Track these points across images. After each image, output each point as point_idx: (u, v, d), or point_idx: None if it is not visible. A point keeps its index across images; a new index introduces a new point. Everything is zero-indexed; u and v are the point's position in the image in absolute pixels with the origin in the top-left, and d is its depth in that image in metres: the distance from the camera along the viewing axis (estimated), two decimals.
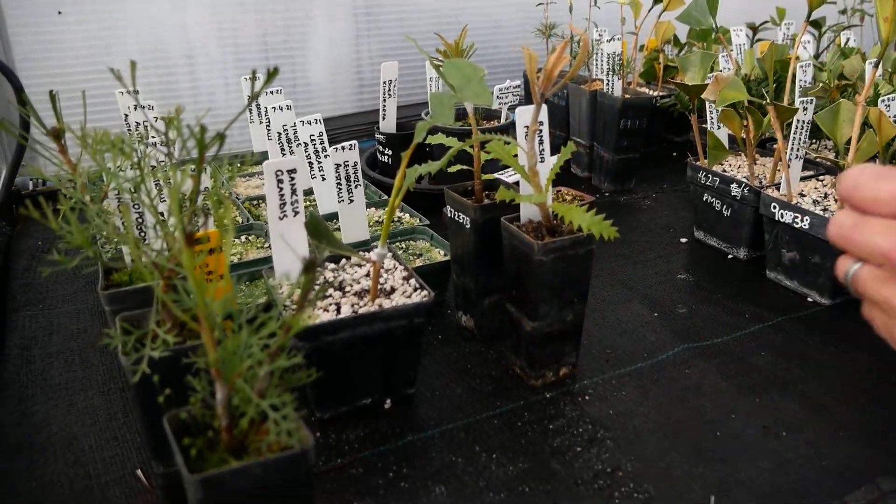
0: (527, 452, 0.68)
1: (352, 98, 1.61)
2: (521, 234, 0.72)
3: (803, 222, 0.91)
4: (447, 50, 0.97)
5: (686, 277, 1.02)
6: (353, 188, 0.92)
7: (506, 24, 1.71)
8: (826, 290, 0.93)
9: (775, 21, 1.69)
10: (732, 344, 0.85)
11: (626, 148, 1.30)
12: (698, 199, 1.10)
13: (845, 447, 0.68)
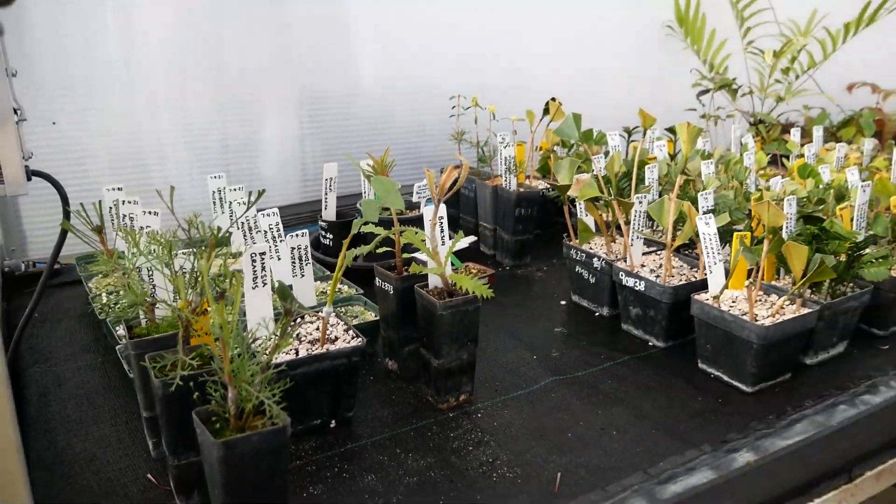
0: (433, 452, 0.95)
1: (297, 189, 1.90)
2: (428, 297, 1.02)
3: (640, 286, 1.23)
4: (375, 164, 1.28)
5: (562, 330, 1.32)
6: (304, 266, 1.20)
7: (429, 127, 2.04)
8: (661, 335, 1.24)
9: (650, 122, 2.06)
10: (588, 376, 1.15)
11: (521, 231, 1.62)
12: (573, 271, 1.42)
13: (655, 439, 0.98)
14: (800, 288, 1.12)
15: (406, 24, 1.95)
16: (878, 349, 1.25)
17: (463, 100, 1.80)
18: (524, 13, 2.11)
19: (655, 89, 2.40)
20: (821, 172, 1.60)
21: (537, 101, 1.73)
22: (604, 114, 2.31)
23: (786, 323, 1.07)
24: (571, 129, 1.51)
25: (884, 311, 1.27)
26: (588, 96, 2.28)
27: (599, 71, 2.30)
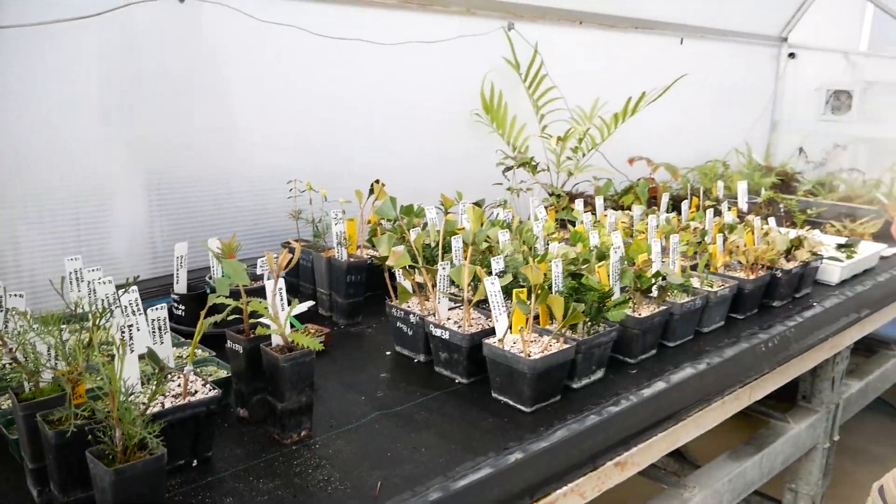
0: (280, 476, 1.20)
1: (148, 265, 2.09)
2: (272, 353, 1.27)
3: (446, 335, 1.55)
4: (224, 247, 1.52)
5: (386, 375, 1.61)
6: (163, 334, 1.41)
7: (270, 206, 2.29)
8: (464, 374, 1.55)
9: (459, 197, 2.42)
10: (406, 409, 1.44)
11: (353, 294, 1.90)
12: (394, 326, 1.71)
13: (454, 453, 1.27)
14: (560, 329, 1.47)
15: (250, 115, 2.20)
16: (629, 373, 1.62)
17: (299, 183, 2.07)
18: (356, 104, 2.43)
19: (470, 166, 2.78)
20: (591, 237, 2.00)
21: (369, 179, 2.05)
22: (428, 187, 2.67)
23: (550, 356, 1.41)
24: (389, 209, 1.84)
25: (631, 343, 1.65)
26: (414, 172, 2.64)
27: (424, 151, 2.65)
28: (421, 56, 2.53)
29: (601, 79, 3.19)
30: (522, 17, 2.83)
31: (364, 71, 2.41)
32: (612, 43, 3.29)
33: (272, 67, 2.21)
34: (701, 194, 2.97)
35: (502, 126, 2.77)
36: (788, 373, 1.93)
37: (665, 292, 1.77)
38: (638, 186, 2.90)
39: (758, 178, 3.40)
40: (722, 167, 3.57)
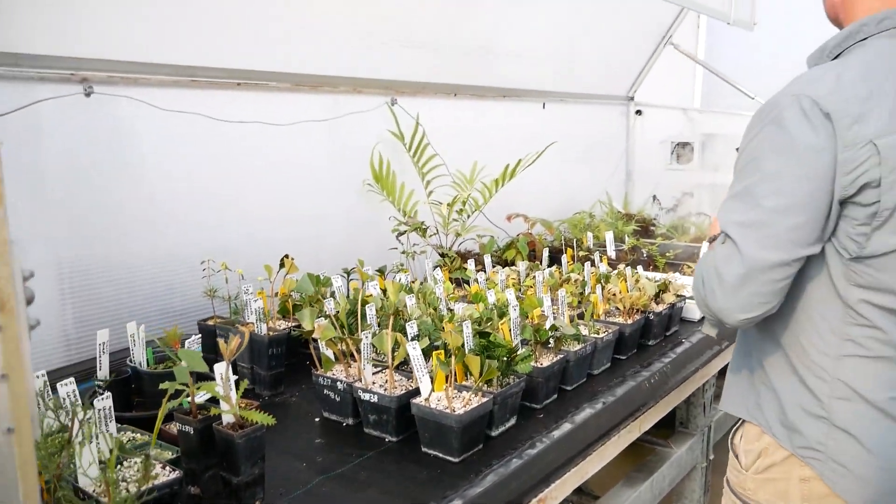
0: None
1: (62, 354, 2.10)
2: (225, 430, 1.37)
3: (374, 398, 1.69)
4: (168, 335, 1.61)
5: (321, 440, 1.73)
6: (109, 422, 1.48)
7: (181, 285, 2.36)
8: (393, 433, 1.70)
9: (360, 265, 2.58)
10: (346, 470, 1.57)
11: (275, 366, 2.01)
12: (321, 394, 1.84)
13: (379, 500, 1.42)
14: (478, 385, 1.66)
15: (157, 198, 2.28)
16: (537, 418, 1.83)
17: (213, 263, 2.17)
18: (258, 181, 2.55)
19: (365, 232, 2.96)
20: (488, 296, 2.21)
21: (271, 252, 2.19)
22: (327, 254, 2.82)
23: (473, 410, 1.59)
24: (308, 286, 1.99)
25: (536, 390, 1.86)
26: (314, 242, 2.78)
27: (322, 221, 2.80)
28: (315, 133, 2.70)
29: (477, 143, 3.47)
30: (404, 92, 3.06)
31: (264, 151, 2.55)
32: (484, 110, 3.59)
33: (178, 152, 2.31)
34: (574, 245, 3.28)
35: (392, 194, 2.96)
36: (670, 403, 2.21)
37: (560, 342, 2.00)
38: (518, 242, 3.17)
39: (621, 227, 3.77)
40: (589, 217, 3.92)
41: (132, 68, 2.12)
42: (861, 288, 1.37)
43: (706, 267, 1.42)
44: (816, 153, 1.30)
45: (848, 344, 1.39)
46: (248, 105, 2.47)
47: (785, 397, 1.48)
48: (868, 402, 1.38)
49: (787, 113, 1.33)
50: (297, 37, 2.55)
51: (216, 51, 2.31)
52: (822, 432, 1.42)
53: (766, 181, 1.35)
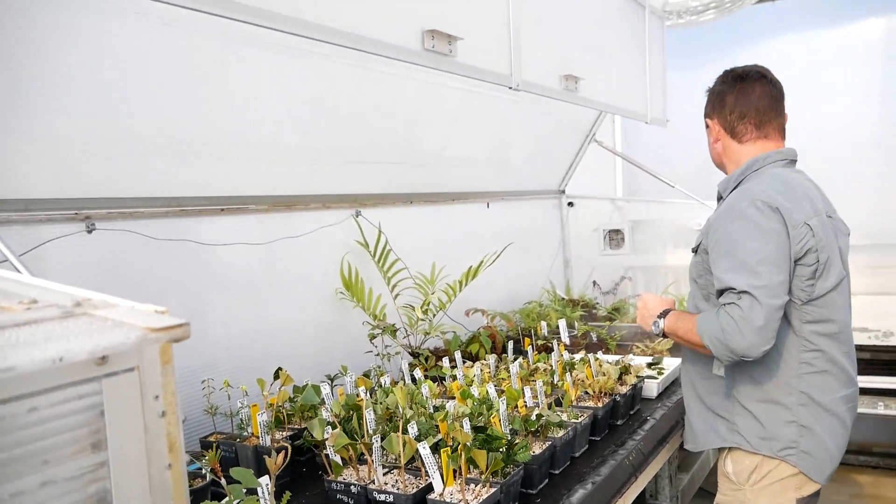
0: None
1: None
2: None
3: (390, 498, 1.83)
4: (209, 458, 1.72)
5: None
6: None
7: (193, 403, 2.44)
8: None
9: (343, 371, 2.72)
10: None
11: (281, 476, 2.11)
12: (334, 497, 1.96)
13: None
14: (486, 477, 1.82)
15: None
16: (534, 502, 1.99)
17: (212, 381, 2.28)
18: (235, 299, 2.69)
19: (337, 337, 3.11)
20: (472, 392, 2.39)
21: (254, 364, 2.33)
22: (303, 361, 2.95)
23: (485, 500, 1.75)
24: (314, 396, 2.13)
25: (531, 476, 2.03)
26: (292, 350, 2.90)
27: (298, 330, 2.94)
28: (290, 249, 2.87)
29: (433, 245, 3.71)
30: (366, 204, 3.28)
31: (246, 269, 2.70)
32: (437, 214, 3.84)
33: (171, 276, 2.44)
34: (532, 335, 3.51)
35: (362, 299, 3.14)
36: (646, 477, 2.40)
37: (546, 429, 2.19)
38: (480, 336, 3.38)
39: (569, 313, 4.03)
40: (539, 307, 4.18)
41: (129, 203, 2.27)
42: (809, 323, 2.05)
43: (724, 321, 1.92)
44: (777, 233, 1.95)
45: (803, 365, 2.06)
46: (233, 227, 2.63)
47: (762, 415, 2.09)
48: (819, 404, 2.06)
49: (750, 211, 1.99)
50: (271, 162, 2.75)
51: (201, 181, 2.48)
52: (795, 432, 2.06)
53: (753, 256, 1.93)
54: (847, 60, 5.45)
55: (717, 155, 2.32)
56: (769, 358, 2.04)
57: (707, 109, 2.32)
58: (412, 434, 2.01)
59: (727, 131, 2.24)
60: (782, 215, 1.96)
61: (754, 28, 5.82)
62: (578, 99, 3.21)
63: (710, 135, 2.31)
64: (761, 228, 1.95)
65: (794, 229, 1.96)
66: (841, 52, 5.51)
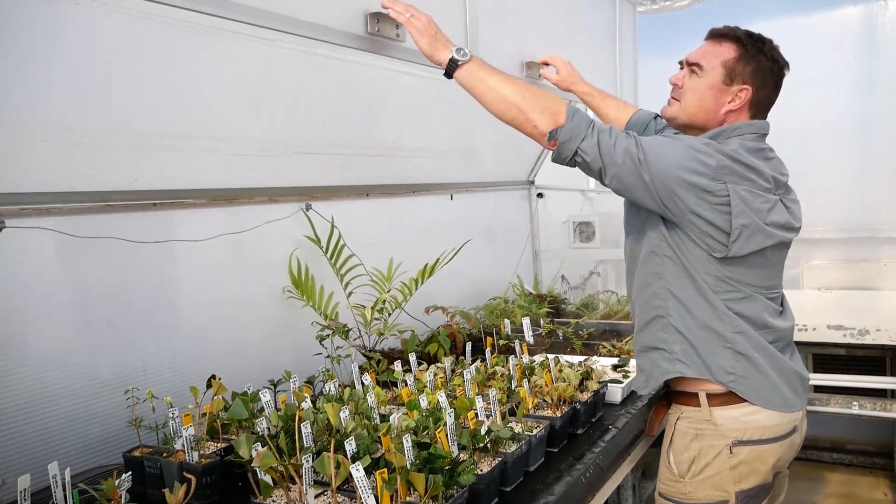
0: None
1: None
2: None
3: None
4: (107, 488, 1.55)
5: None
6: None
7: (111, 417, 2.26)
8: None
9: (287, 376, 2.55)
10: None
11: (209, 495, 1.95)
12: None
13: None
14: (424, 501, 1.66)
15: (72, 328, 2.21)
16: None
17: (137, 391, 2.11)
18: (172, 300, 2.51)
19: (287, 338, 2.95)
20: (421, 401, 2.23)
21: (192, 370, 2.16)
22: (249, 365, 2.79)
23: None
24: (242, 411, 1.96)
25: (479, 498, 1.88)
26: (236, 354, 2.74)
27: (242, 333, 2.76)
28: (232, 246, 2.69)
29: (391, 239, 3.54)
30: (317, 197, 3.10)
31: (181, 268, 2.52)
32: (396, 207, 3.67)
33: (94, 278, 2.25)
34: (494, 334, 3.36)
35: (312, 298, 2.96)
36: (607, 491, 2.26)
37: (497, 444, 2.03)
38: (439, 335, 3.22)
39: (535, 310, 3.88)
40: (504, 303, 4.02)
41: (45, 199, 2.08)
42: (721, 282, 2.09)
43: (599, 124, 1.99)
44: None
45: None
46: (165, 223, 2.45)
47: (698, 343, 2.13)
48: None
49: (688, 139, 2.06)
50: (210, 153, 2.56)
51: (129, 174, 2.29)
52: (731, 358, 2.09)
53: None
54: (823, 49, 5.31)
55: (706, 113, 2.10)
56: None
57: (754, 74, 2.06)
58: (350, 451, 1.85)
59: (749, 107, 2.09)
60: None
61: (728, 15, 5.68)
62: (542, 87, 3.03)
63: (722, 94, 2.07)
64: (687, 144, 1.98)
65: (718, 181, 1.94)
66: (816, 40, 5.37)
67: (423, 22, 2.06)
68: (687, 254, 2.06)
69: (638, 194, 1.98)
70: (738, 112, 2.09)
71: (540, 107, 1.92)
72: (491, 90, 1.97)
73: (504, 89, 1.95)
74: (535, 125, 1.92)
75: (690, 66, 2.11)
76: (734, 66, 2.05)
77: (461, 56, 2.00)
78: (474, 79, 2.00)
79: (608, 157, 1.91)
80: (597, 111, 2.85)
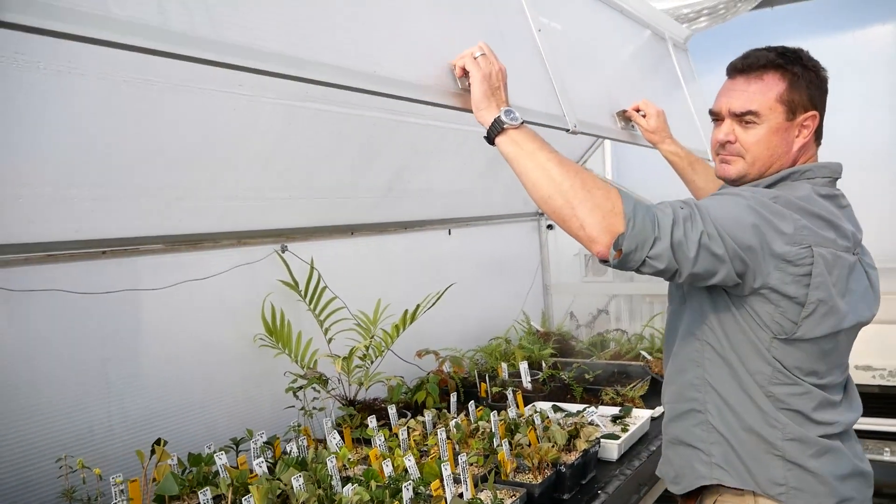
0: None
1: None
2: None
3: None
4: None
5: None
6: None
7: (41, 487, 2.10)
8: None
9: (249, 435, 2.36)
10: None
11: None
12: None
13: None
14: None
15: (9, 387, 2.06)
16: None
17: (71, 459, 1.94)
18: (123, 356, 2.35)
19: (262, 389, 2.77)
20: (385, 466, 2.03)
21: (146, 430, 2.00)
22: (215, 422, 2.61)
23: None
24: (172, 486, 1.78)
25: None
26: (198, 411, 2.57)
27: (206, 387, 2.60)
28: (197, 293, 2.53)
29: (379, 279, 3.36)
30: (295, 238, 2.94)
31: (135, 319, 2.36)
32: (386, 245, 3.49)
33: (34, 334, 2.10)
34: (487, 380, 3.15)
35: (288, 345, 2.79)
36: None
37: None
38: (429, 382, 3.01)
39: (538, 352, 3.65)
40: (505, 343, 3.81)
41: None
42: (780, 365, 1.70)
43: (662, 209, 1.56)
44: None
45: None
46: (119, 272, 2.30)
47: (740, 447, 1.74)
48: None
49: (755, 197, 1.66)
50: (177, 200, 2.41)
51: (74, 224, 2.15)
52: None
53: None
54: (851, 69, 5.03)
55: (780, 158, 1.77)
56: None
57: (812, 96, 1.78)
58: None
59: (816, 134, 1.82)
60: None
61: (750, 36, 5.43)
62: (638, 138, 2.72)
63: (788, 132, 1.76)
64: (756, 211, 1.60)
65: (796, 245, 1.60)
66: (844, 60, 5.08)
67: (491, 70, 1.67)
68: (736, 342, 1.69)
69: (716, 279, 1.58)
70: (808, 143, 1.80)
71: (591, 203, 1.48)
72: (537, 167, 1.55)
73: (553, 170, 1.52)
74: (583, 225, 1.48)
75: (740, 117, 1.75)
76: (790, 96, 1.74)
77: (510, 119, 1.60)
78: (520, 150, 1.58)
79: (682, 255, 1.50)
80: (682, 176, 2.52)
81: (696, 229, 1.51)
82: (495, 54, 1.70)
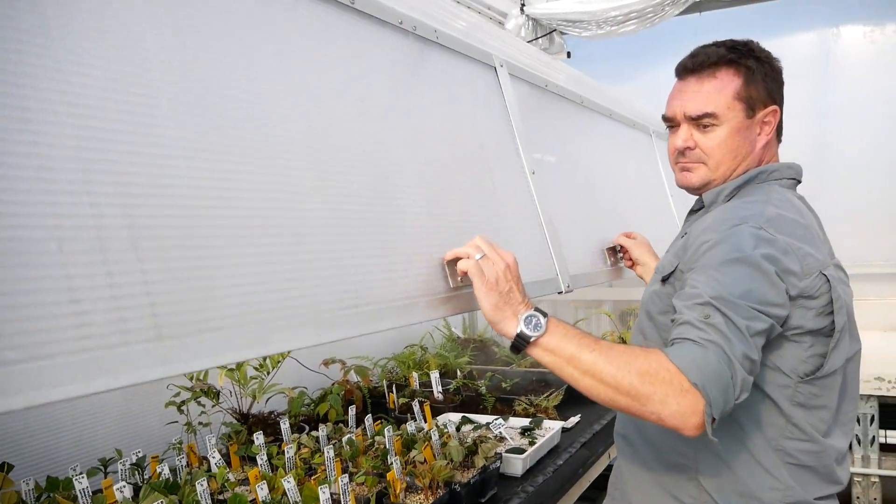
0: None
1: None
2: None
3: None
4: None
5: None
6: None
7: None
8: None
9: (119, 455, 2.17)
10: None
11: None
12: None
13: None
14: None
15: None
16: None
17: None
18: None
19: (147, 407, 2.57)
20: (259, 490, 1.86)
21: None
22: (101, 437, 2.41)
23: None
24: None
25: None
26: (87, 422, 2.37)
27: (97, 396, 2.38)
28: None
29: None
30: None
31: None
32: None
33: None
34: (394, 390, 3.00)
35: None
36: None
37: None
38: (332, 393, 2.85)
39: (453, 360, 3.52)
40: (420, 351, 3.66)
41: None
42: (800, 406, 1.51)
43: (714, 354, 1.30)
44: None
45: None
46: None
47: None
48: None
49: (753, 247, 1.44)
50: None
51: None
52: None
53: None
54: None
55: (743, 159, 1.65)
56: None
57: (770, 90, 1.65)
58: None
59: (778, 128, 1.69)
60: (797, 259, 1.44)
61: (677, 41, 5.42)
62: (624, 272, 2.68)
63: (749, 130, 1.63)
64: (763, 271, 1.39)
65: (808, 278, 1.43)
66: None
67: (496, 272, 1.44)
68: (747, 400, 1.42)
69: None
70: (772, 141, 1.68)
71: (659, 394, 1.27)
72: (584, 375, 1.34)
73: (602, 372, 1.31)
74: (662, 419, 1.28)
75: (697, 120, 1.64)
76: (748, 92, 1.62)
77: (533, 330, 1.39)
78: (557, 359, 1.38)
79: (751, 357, 1.33)
80: None
81: (739, 329, 1.31)
82: (498, 249, 1.50)
